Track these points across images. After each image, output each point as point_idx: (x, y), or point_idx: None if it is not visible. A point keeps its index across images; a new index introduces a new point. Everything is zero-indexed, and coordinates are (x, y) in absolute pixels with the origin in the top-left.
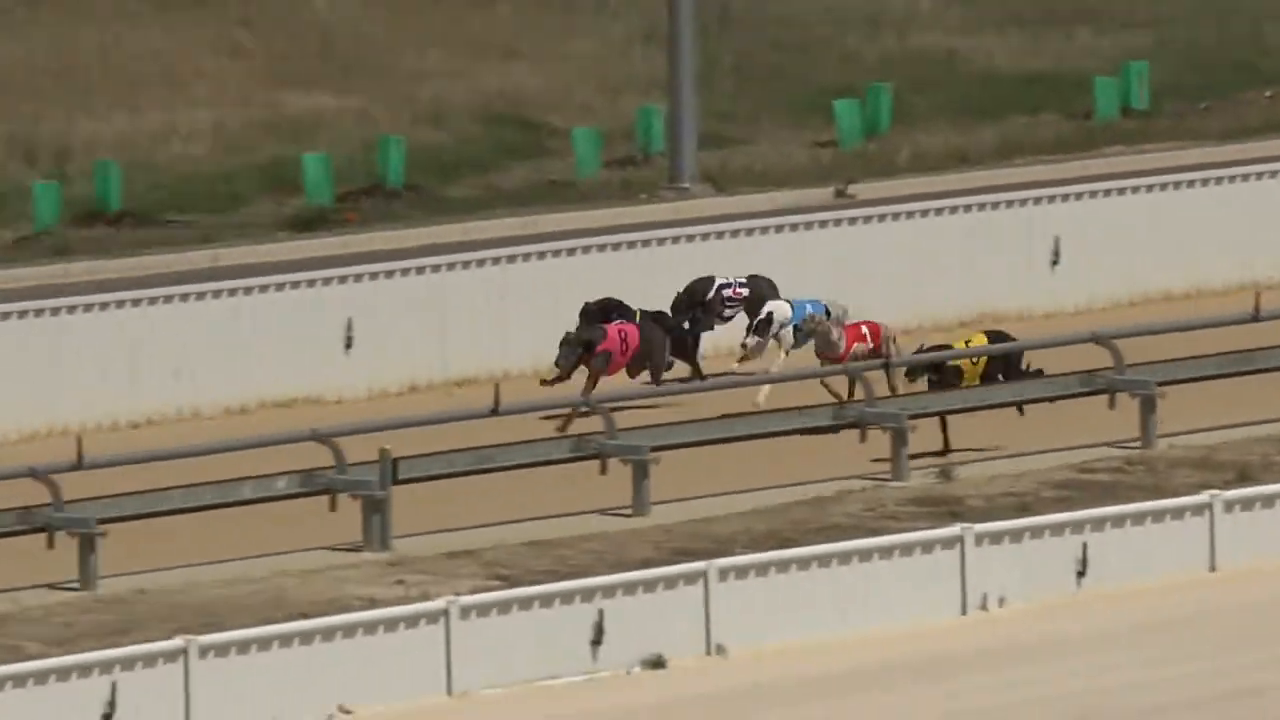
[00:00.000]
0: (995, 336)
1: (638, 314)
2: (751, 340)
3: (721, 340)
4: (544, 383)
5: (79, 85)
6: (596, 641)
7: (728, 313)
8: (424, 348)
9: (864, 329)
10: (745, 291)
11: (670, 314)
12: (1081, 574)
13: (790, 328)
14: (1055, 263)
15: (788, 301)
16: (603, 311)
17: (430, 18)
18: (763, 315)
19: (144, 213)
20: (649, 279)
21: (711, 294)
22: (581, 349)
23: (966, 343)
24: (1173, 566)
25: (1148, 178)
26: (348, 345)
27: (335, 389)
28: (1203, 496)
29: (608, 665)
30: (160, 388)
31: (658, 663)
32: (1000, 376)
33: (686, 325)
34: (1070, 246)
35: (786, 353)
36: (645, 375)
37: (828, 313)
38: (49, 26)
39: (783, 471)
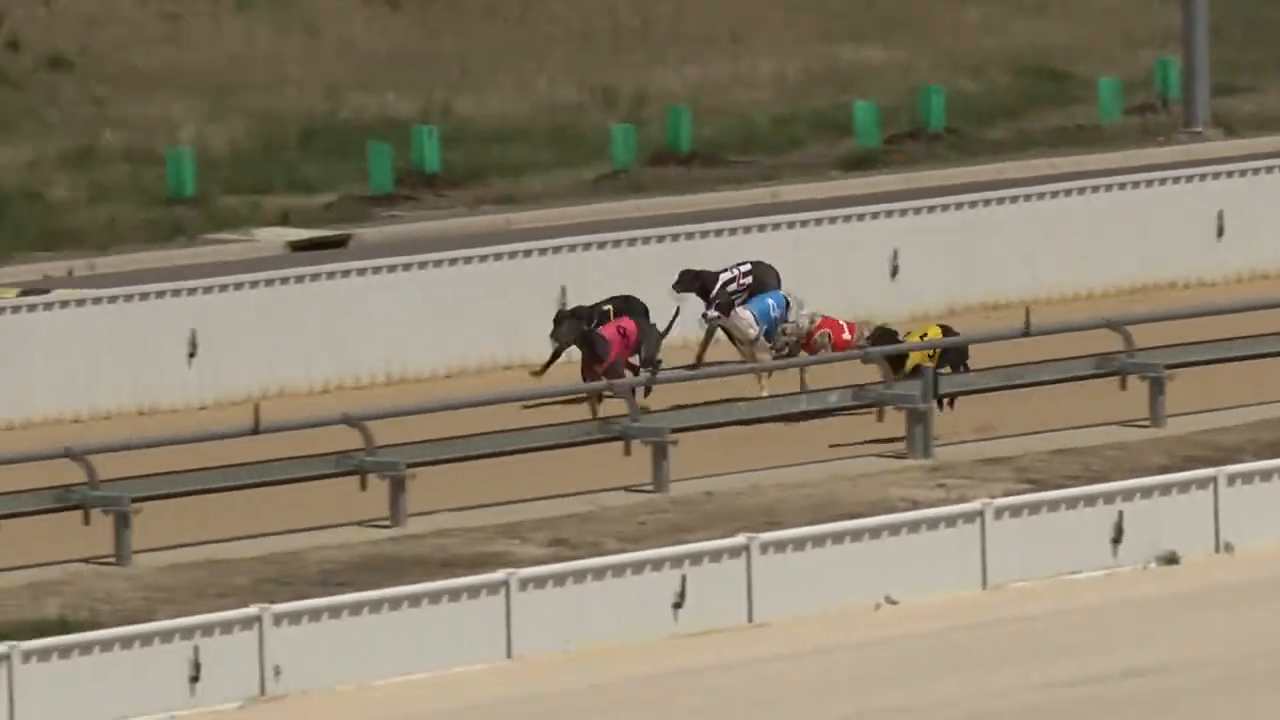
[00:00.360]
0: (946, 330)
1: (610, 311)
2: (711, 313)
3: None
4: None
5: (655, 40)
6: (1116, 540)
7: (736, 300)
8: (960, 274)
9: (843, 324)
10: (749, 280)
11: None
12: None
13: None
14: None
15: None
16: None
17: None
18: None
19: (710, 153)
20: (1167, 211)
21: (716, 288)
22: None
23: (922, 335)
24: None
25: None
26: (893, 274)
27: (880, 315)
28: None
29: (1126, 561)
30: None
31: (1171, 559)
32: (948, 369)
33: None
34: None
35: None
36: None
37: (787, 303)
38: None
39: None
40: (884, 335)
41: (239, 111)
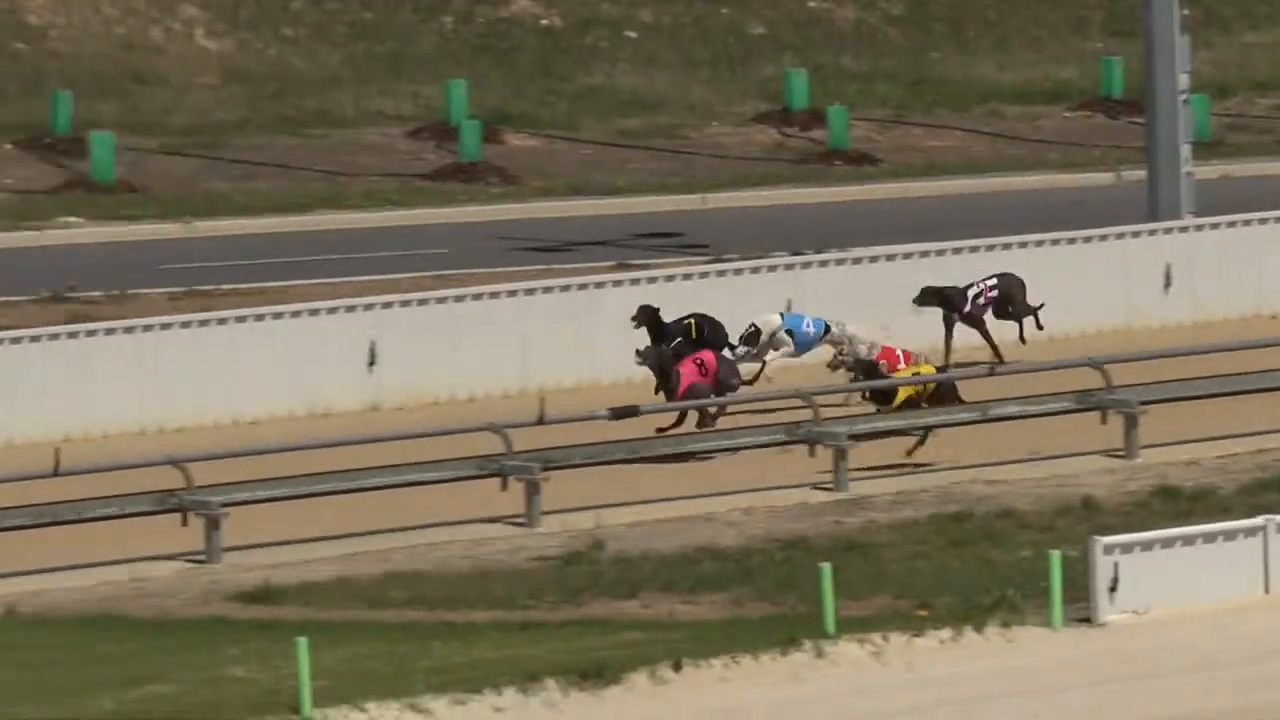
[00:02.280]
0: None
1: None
2: (741, 349)
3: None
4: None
5: None
6: None
7: (981, 311)
8: None
9: (898, 352)
10: (995, 293)
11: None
12: None
13: (782, 333)
14: None
15: (780, 315)
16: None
17: None
18: (749, 330)
19: None
20: None
21: (968, 304)
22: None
23: (916, 371)
24: None
25: None
26: None
27: None
28: None
29: None
30: None
31: None
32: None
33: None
34: None
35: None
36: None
37: (827, 328)
38: None
39: None
40: (869, 370)
41: None
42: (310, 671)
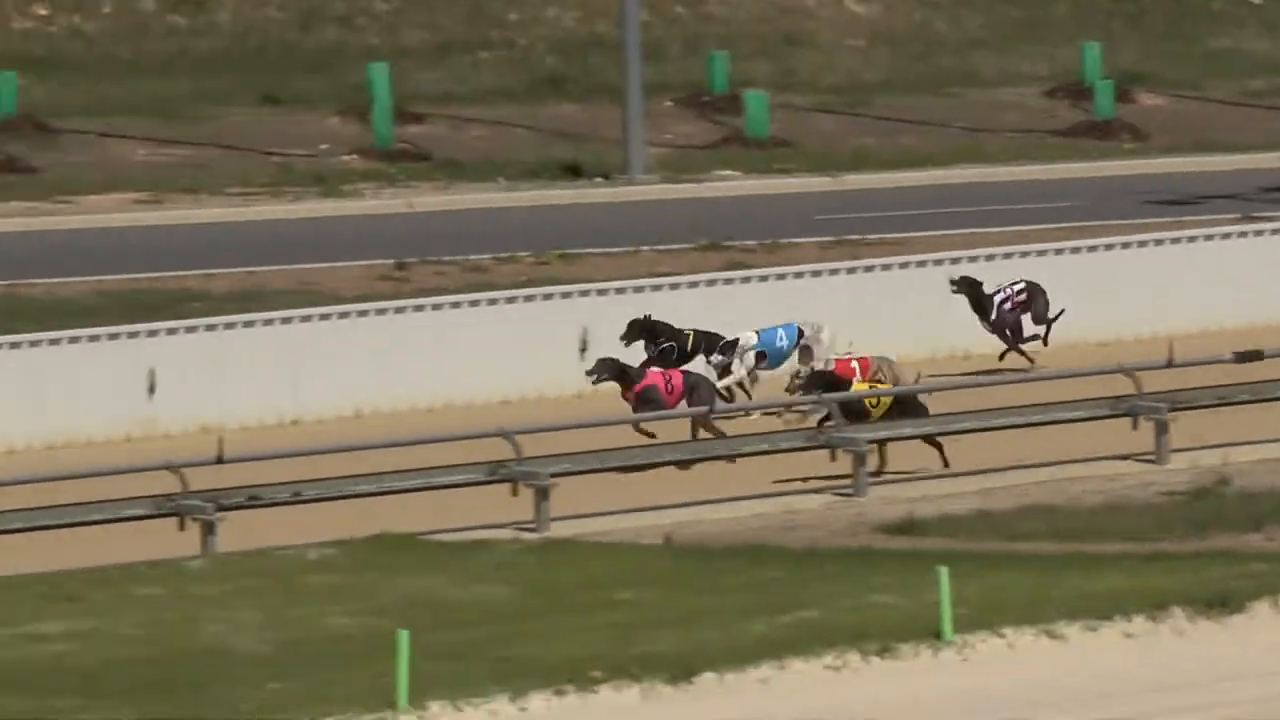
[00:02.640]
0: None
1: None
2: (716, 359)
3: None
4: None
5: None
6: None
7: (1009, 317)
8: None
9: (853, 363)
10: (1022, 298)
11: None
12: None
13: (753, 353)
14: None
15: (755, 332)
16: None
17: None
18: (729, 340)
19: None
20: None
21: (994, 312)
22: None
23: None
24: None
25: None
26: None
27: None
28: None
29: None
30: None
31: None
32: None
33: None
34: None
35: (749, 377)
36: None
37: (800, 334)
38: None
39: None
40: (825, 381)
41: None
42: (950, 599)
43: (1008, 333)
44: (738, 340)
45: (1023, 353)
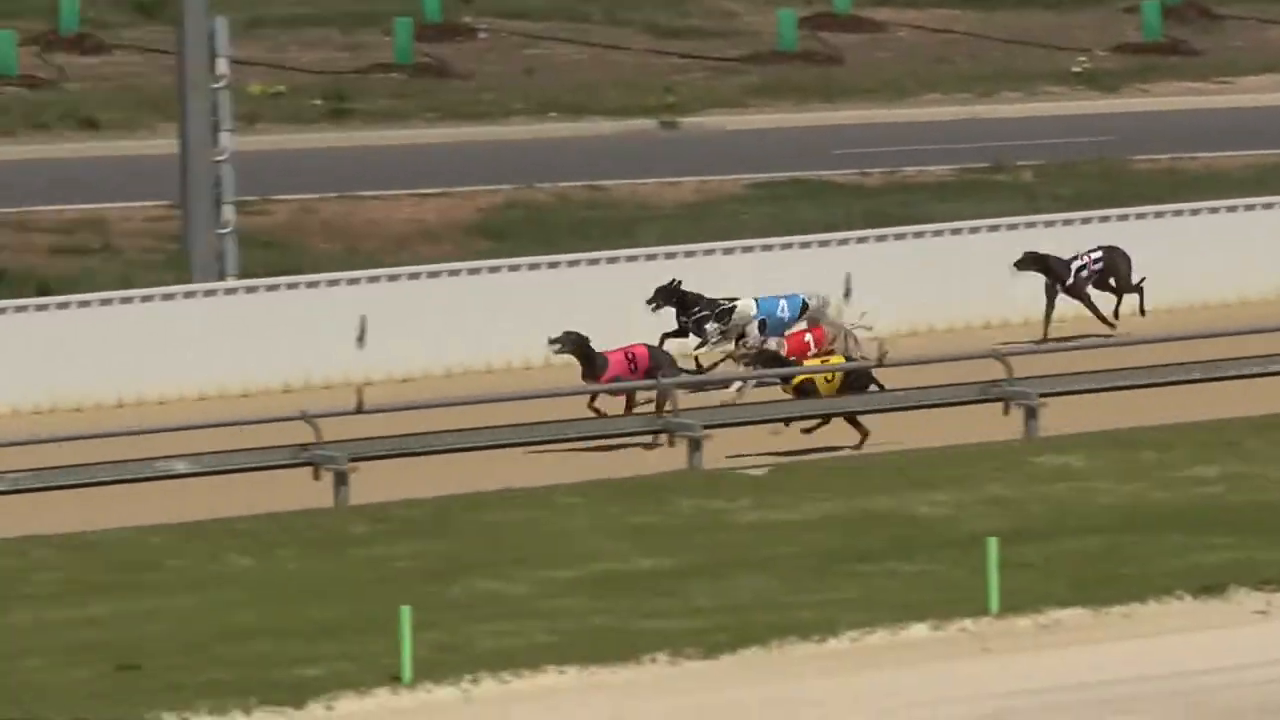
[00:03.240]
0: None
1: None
2: (712, 326)
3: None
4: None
5: None
6: None
7: (1084, 284)
8: None
9: (806, 337)
10: (1099, 266)
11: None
12: None
13: (755, 323)
14: None
15: (754, 299)
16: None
17: None
18: (726, 305)
19: None
20: None
21: (1071, 275)
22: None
23: (824, 360)
24: None
25: None
26: None
27: None
28: None
29: None
30: None
31: None
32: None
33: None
34: None
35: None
36: None
37: (804, 305)
38: None
39: None
40: (769, 357)
41: None
42: None
43: (1088, 297)
44: (735, 307)
45: (1104, 319)
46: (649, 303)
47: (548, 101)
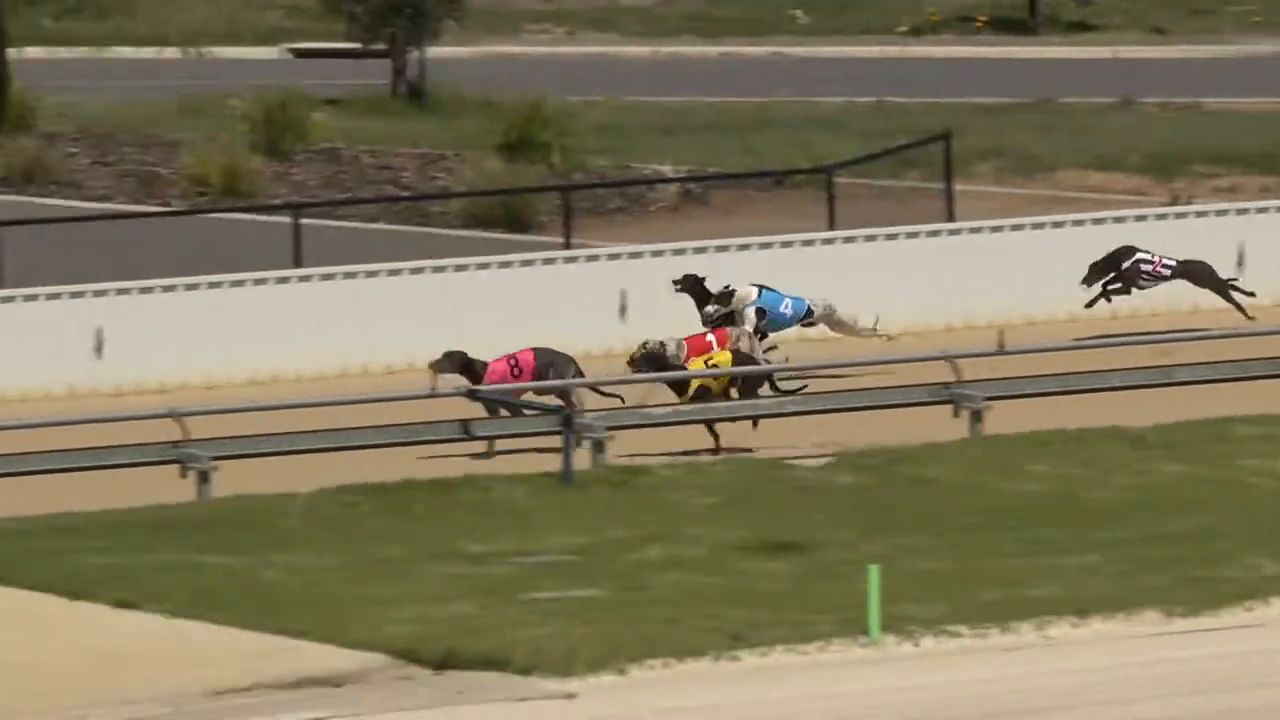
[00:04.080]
0: (737, 356)
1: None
2: (712, 308)
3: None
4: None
5: None
6: None
7: (1143, 284)
8: None
9: (708, 336)
10: (1167, 272)
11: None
12: None
13: (751, 310)
14: None
15: (757, 289)
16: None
17: None
18: (728, 288)
19: None
20: None
21: (1129, 264)
22: None
23: (709, 363)
24: None
25: None
26: None
27: None
28: None
29: None
30: None
31: None
32: (736, 394)
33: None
34: None
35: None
36: None
37: (810, 311)
38: None
39: None
40: (652, 359)
41: None
42: None
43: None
44: (733, 291)
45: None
46: (675, 283)
47: None
